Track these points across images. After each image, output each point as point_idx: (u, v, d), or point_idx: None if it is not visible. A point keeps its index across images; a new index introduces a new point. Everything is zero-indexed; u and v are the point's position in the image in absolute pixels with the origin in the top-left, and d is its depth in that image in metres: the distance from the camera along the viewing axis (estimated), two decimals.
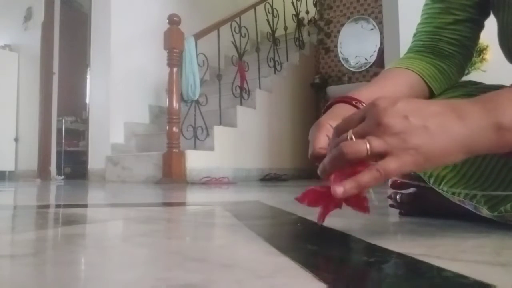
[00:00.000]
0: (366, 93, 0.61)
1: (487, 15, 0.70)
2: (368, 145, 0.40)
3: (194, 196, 1.55)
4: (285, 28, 4.03)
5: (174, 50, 2.89)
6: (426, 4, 0.73)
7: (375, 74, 3.53)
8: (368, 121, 0.41)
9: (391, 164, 0.40)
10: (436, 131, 0.39)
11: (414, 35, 0.75)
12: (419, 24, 0.74)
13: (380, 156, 0.40)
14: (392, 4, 2.55)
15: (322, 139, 0.51)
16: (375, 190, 0.46)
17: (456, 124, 0.40)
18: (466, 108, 0.41)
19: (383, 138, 0.40)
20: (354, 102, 0.57)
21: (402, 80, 0.65)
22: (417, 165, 0.40)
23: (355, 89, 0.62)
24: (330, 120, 0.52)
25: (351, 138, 0.41)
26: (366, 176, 0.41)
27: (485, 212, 0.55)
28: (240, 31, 3.39)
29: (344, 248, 0.50)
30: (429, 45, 0.70)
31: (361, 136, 0.41)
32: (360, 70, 4.25)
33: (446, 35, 0.69)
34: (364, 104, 0.56)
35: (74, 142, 5.14)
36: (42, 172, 4.10)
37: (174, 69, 2.90)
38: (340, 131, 0.45)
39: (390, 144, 0.39)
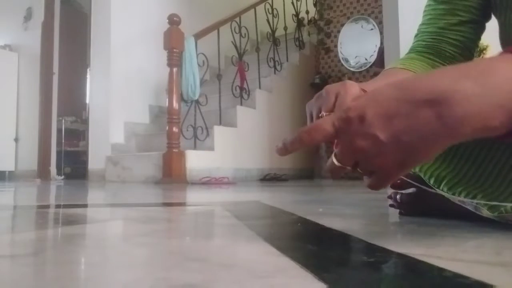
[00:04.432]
0: (372, 88, 0.59)
1: (489, 17, 0.70)
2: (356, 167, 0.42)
3: (194, 196, 1.55)
4: (285, 28, 4.03)
5: (174, 50, 2.89)
6: (429, 5, 0.73)
7: (375, 74, 3.52)
8: (344, 142, 0.40)
9: (376, 182, 0.42)
10: (410, 140, 0.36)
11: (416, 36, 0.74)
12: (422, 24, 0.74)
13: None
14: (392, 4, 2.55)
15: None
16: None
17: (431, 124, 0.35)
18: (455, 92, 0.34)
19: (365, 162, 0.40)
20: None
21: None
22: (404, 171, 0.40)
23: (362, 83, 0.60)
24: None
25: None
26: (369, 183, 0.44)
27: (485, 212, 0.55)
28: (240, 31, 3.39)
29: (344, 248, 0.50)
30: (431, 46, 0.70)
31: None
32: (360, 70, 4.25)
33: (449, 36, 0.69)
34: None
35: (74, 142, 5.15)
36: (42, 172, 4.10)
37: (174, 69, 2.90)
38: (318, 131, 0.41)
39: (373, 166, 0.40)
